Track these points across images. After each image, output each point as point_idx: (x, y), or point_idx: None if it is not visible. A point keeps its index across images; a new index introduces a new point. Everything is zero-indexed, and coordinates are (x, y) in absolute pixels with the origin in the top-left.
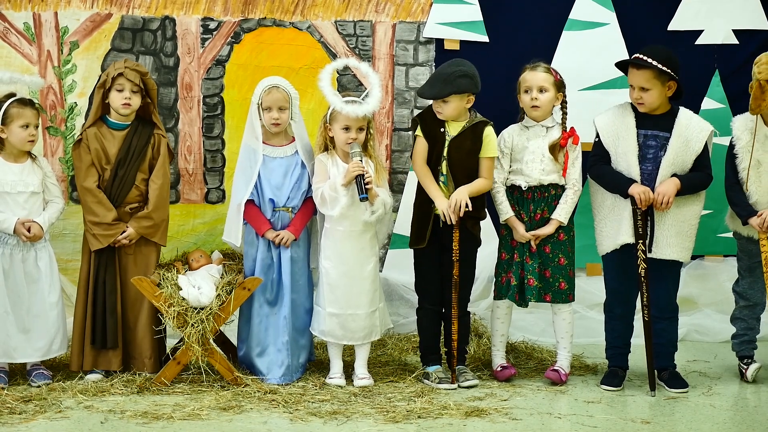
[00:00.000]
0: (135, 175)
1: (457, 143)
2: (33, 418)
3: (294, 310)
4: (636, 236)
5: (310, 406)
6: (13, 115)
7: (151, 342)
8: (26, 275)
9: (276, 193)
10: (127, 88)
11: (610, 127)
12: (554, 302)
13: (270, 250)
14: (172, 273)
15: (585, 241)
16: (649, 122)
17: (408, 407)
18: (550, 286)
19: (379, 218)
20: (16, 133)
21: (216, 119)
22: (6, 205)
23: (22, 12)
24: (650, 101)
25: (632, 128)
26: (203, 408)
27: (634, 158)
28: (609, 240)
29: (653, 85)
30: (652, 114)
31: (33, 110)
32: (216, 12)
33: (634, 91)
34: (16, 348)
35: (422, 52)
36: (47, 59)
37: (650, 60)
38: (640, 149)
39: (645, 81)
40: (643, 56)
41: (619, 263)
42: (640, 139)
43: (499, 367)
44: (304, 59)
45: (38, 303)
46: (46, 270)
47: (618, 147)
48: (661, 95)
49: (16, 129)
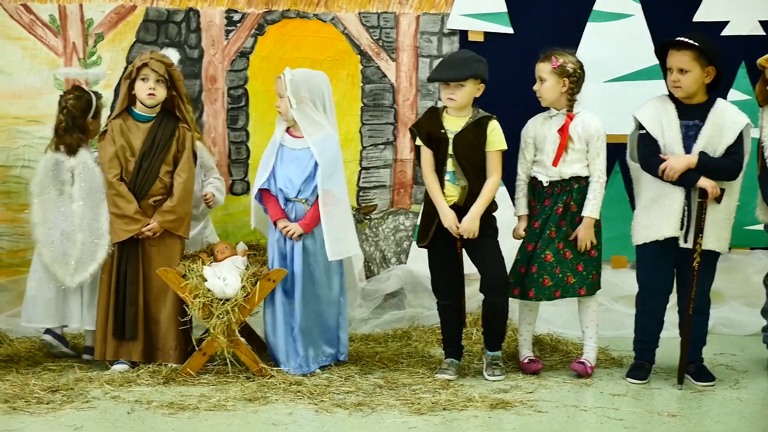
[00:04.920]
0: (159, 168)
1: (461, 139)
2: (60, 408)
3: (309, 302)
4: (696, 229)
5: (335, 397)
6: (100, 108)
7: (177, 333)
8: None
9: (287, 184)
10: (152, 78)
11: (654, 119)
12: (588, 294)
13: (285, 240)
14: (197, 264)
15: (610, 233)
16: (688, 113)
17: (433, 399)
18: (584, 279)
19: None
20: (100, 124)
21: (240, 111)
22: None
23: (47, 4)
24: (687, 84)
25: (674, 119)
26: (229, 399)
27: (679, 149)
28: (649, 231)
29: (692, 66)
30: (690, 104)
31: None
32: (240, 4)
33: (672, 73)
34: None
35: (446, 43)
36: (72, 51)
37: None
38: (683, 140)
39: (684, 62)
40: (684, 39)
41: (654, 256)
42: (683, 130)
43: (527, 359)
44: (328, 51)
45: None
46: None
47: (664, 138)
48: (698, 79)
49: (100, 121)
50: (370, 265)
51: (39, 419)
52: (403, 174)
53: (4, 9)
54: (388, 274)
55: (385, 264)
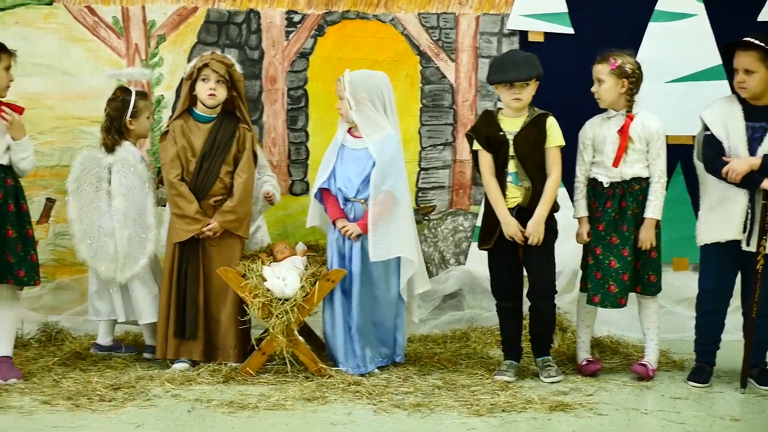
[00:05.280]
0: (219, 168)
1: (521, 139)
2: (122, 406)
3: (366, 302)
4: (760, 232)
5: (393, 398)
6: (142, 108)
7: (236, 332)
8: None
9: (346, 184)
10: (213, 78)
11: (719, 120)
12: (644, 294)
13: (344, 240)
14: (257, 264)
15: (672, 235)
16: (755, 114)
17: (492, 401)
18: (640, 278)
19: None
20: (144, 123)
21: (300, 112)
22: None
23: (111, 6)
24: (753, 85)
25: (740, 120)
26: (288, 398)
27: (744, 151)
28: (712, 233)
29: (758, 67)
30: (757, 106)
31: (148, 102)
32: (300, 5)
33: (738, 74)
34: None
35: (506, 44)
36: (135, 52)
37: (757, 42)
38: (748, 142)
39: (750, 63)
40: (750, 39)
41: (716, 257)
42: (748, 132)
43: (585, 361)
44: (388, 52)
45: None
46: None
47: (729, 140)
48: (765, 80)
49: (144, 120)
50: (428, 266)
51: (101, 416)
52: (462, 175)
53: (69, 11)
54: (446, 275)
55: (443, 265)
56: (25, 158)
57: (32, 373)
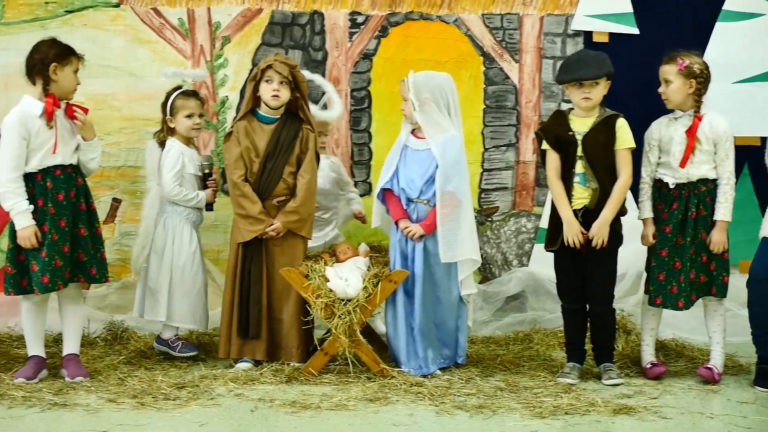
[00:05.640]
0: (283, 169)
1: (590, 139)
2: (186, 405)
3: (429, 303)
4: None
5: (456, 399)
6: (179, 106)
7: (299, 332)
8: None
9: (409, 184)
10: (276, 79)
11: None
12: (718, 296)
13: (406, 241)
14: (319, 265)
15: (739, 237)
16: None
17: (555, 403)
18: (713, 280)
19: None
20: (182, 122)
21: (363, 113)
22: (191, 185)
23: (177, 8)
24: None
25: None
26: (350, 399)
27: None
28: None
29: None
30: None
31: (197, 101)
32: (364, 6)
33: None
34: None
35: (570, 44)
36: (200, 54)
37: None
38: None
39: None
40: None
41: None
42: None
43: (649, 364)
44: (451, 53)
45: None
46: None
47: None
48: None
49: (182, 119)
50: (491, 267)
51: (165, 415)
52: (525, 176)
53: (136, 13)
54: (509, 277)
55: (506, 266)
56: (94, 158)
57: (98, 372)
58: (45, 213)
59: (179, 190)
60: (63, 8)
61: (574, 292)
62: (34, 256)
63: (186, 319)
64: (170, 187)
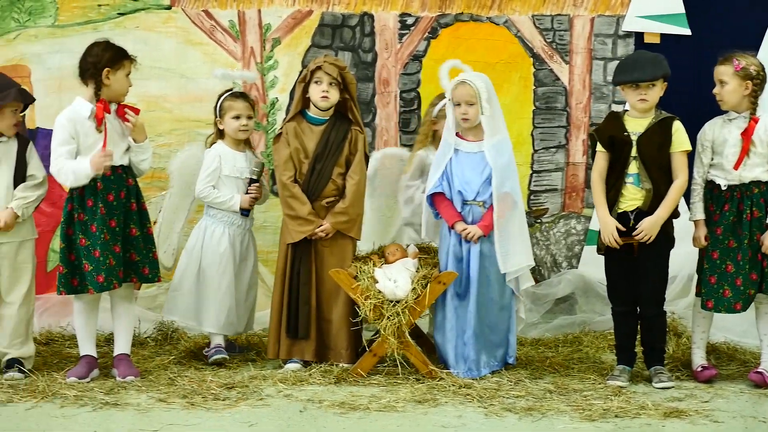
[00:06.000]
0: (332, 170)
1: (645, 140)
2: (236, 405)
3: (483, 306)
4: None
5: (504, 401)
6: (226, 107)
7: (348, 333)
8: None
9: (465, 187)
10: (325, 81)
11: None
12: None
13: (461, 244)
14: (368, 266)
15: None
16: None
17: (604, 406)
18: (765, 279)
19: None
20: (229, 123)
21: (412, 114)
22: (229, 188)
23: (227, 10)
24: None
25: None
26: (398, 400)
27: None
28: None
29: None
30: None
31: (245, 102)
32: (414, 7)
33: None
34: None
35: (621, 46)
36: (250, 56)
37: None
38: None
39: None
40: None
41: None
42: None
43: (700, 367)
44: (501, 54)
45: (244, 281)
46: (251, 252)
47: None
48: None
49: (229, 120)
50: (540, 269)
51: (215, 415)
52: (575, 178)
53: (187, 15)
54: (559, 279)
55: (555, 268)
56: (145, 159)
57: (149, 371)
58: (95, 213)
59: (209, 192)
60: (115, 11)
61: (624, 295)
62: (86, 256)
63: (210, 323)
64: (200, 188)
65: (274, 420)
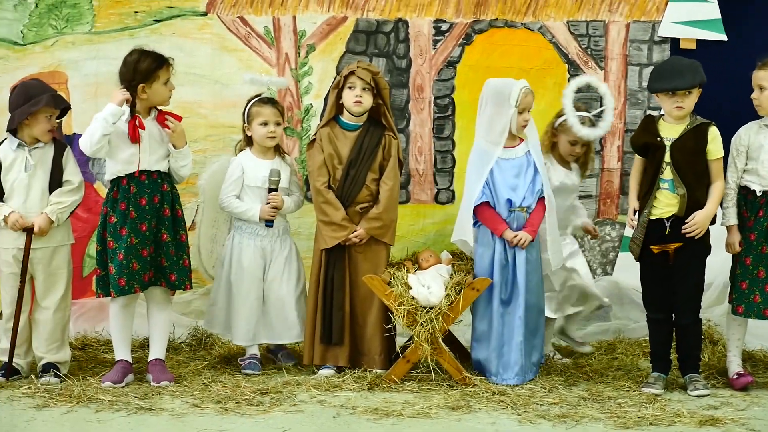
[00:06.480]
0: (366, 176)
1: (679, 146)
2: (269, 410)
3: (528, 310)
4: None
5: (538, 408)
6: (254, 113)
7: (382, 339)
8: (272, 266)
9: (512, 193)
10: (359, 86)
11: None
12: None
13: (506, 251)
14: (402, 272)
15: None
16: None
17: (639, 413)
18: None
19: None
20: (257, 130)
21: (447, 120)
22: (253, 198)
23: (262, 16)
24: None
25: None
26: (432, 406)
27: None
28: None
29: None
30: None
31: (273, 108)
32: (448, 14)
33: None
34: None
35: (656, 51)
36: (285, 62)
37: None
38: None
39: None
40: None
41: None
42: None
43: (735, 375)
44: (535, 60)
45: (278, 291)
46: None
47: None
48: None
49: (257, 126)
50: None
51: (249, 420)
52: (609, 184)
53: (222, 22)
54: None
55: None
56: (185, 166)
57: (183, 377)
58: (126, 216)
59: (230, 202)
60: (151, 17)
61: (660, 302)
62: (111, 259)
63: (240, 336)
64: (221, 198)
65: (307, 426)
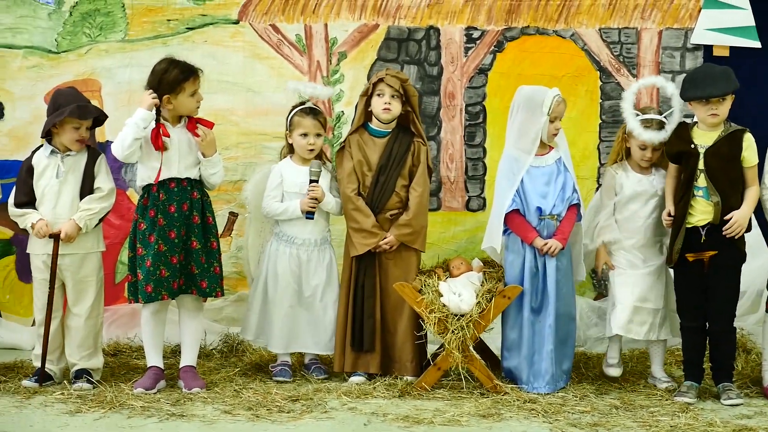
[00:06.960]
0: (395, 182)
1: (713, 153)
2: (300, 417)
3: (558, 319)
4: None
5: (570, 416)
6: (295, 123)
7: (412, 347)
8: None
9: (542, 201)
10: (387, 93)
11: None
12: None
13: (536, 258)
14: (433, 279)
15: None
16: None
17: (671, 422)
18: None
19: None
20: (297, 140)
21: (478, 128)
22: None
23: (294, 24)
24: None
25: None
26: (463, 414)
27: None
28: None
29: None
30: None
31: (314, 120)
32: (480, 21)
33: None
34: (295, 340)
35: (689, 59)
36: (317, 69)
37: None
38: None
39: None
40: None
41: None
42: None
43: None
44: (567, 67)
45: (316, 299)
46: (329, 269)
47: None
48: None
49: (297, 137)
50: (605, 283)
51: (280, 427)
52: None
53: (254, 29)
54: None
55: None
56: (215, 173)
57: (214, 383)
58: (155, 224)
59: (270, 206)
60: (184, 25)
61: (694, 310)
62: (140, 266)
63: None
64: (263, 206)
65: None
